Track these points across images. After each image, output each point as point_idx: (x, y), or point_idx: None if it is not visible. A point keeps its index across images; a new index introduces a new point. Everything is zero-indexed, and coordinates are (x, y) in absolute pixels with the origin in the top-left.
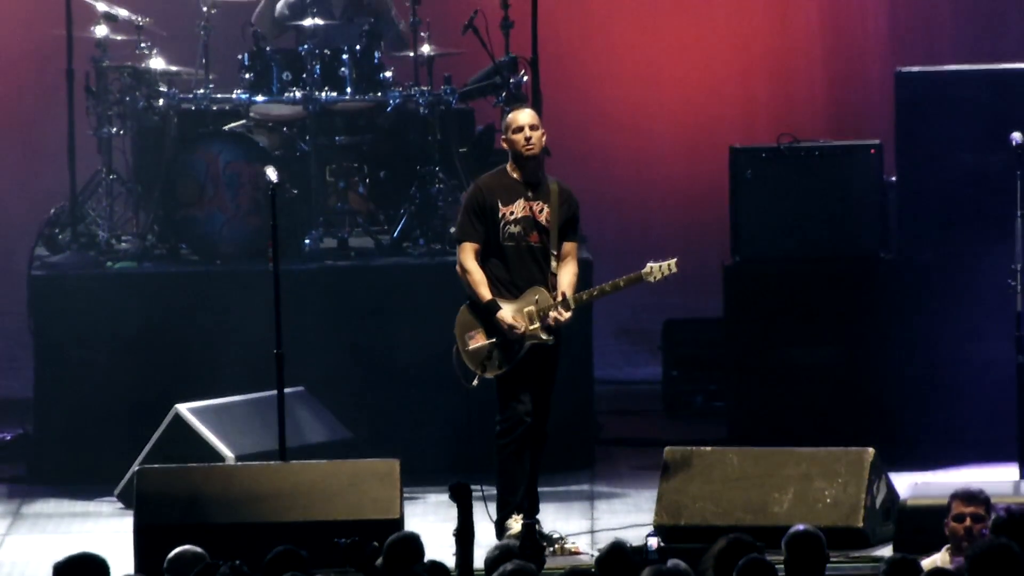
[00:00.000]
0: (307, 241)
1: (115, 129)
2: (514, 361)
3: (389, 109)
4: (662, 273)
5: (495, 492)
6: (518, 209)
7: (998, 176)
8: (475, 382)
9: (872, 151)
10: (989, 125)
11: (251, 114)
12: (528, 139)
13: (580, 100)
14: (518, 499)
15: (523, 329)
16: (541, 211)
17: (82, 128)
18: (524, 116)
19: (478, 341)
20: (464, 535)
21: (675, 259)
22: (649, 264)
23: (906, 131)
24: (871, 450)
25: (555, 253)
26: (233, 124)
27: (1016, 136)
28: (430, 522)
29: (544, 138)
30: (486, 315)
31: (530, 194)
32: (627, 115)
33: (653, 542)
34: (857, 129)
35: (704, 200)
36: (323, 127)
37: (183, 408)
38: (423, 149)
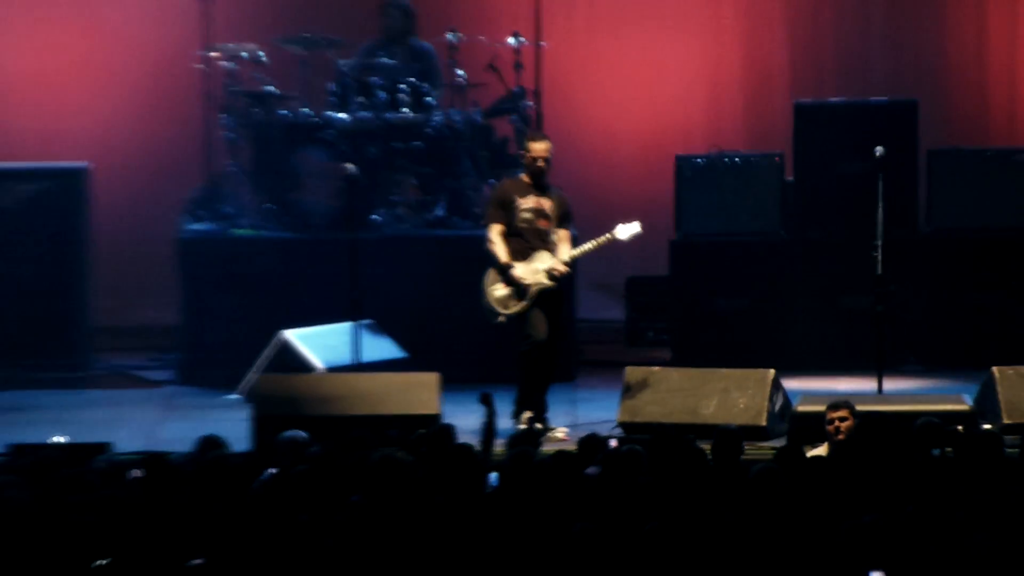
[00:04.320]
0: (375, 217)
1: (239, 136)
2: (526, 302)
3: (433, 124)
4: (630, 232)
5: (516, 392)
6: (529, 202)
7: (866, 178)
8: (501, 319)
9: (777, 159)
10: (860, 141)
11: (336, 126)
12: (539, 162)
13: (568, 120)
14: (529, 400)
15: (530, 280)
16: (546, 206)
17: (215, 136)
18: (540, 148)
19: (500, 291)
20: (488, 429)
21: (638, 221)
22: (619, 225)
23: (801, 145)
24: (772, 371)
25: (555, 232)
26: (322, 134)
27: (879, 149)
28: (461, 418)
29: (551, 162)
30: (505, 272)
31: (538, 193)
32: (601, 132)
33: (613, 442)
34: (767, 141)
35: (656, 192)
36: (386, 136)
37: (287, 333)
38: (457, 153)
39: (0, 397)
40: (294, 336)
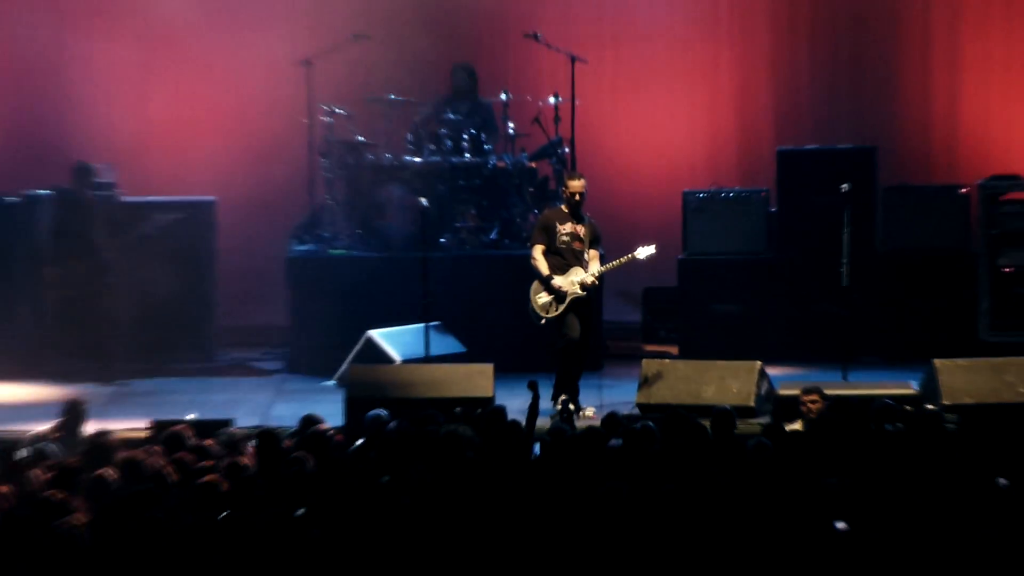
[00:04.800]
0: (442, 240)
1: (335, 176)
2: (563, 307)
3: (489, 166)
4: (647, 252)
5: (554, 379)
6: (567, 228)
7: (835, 209)
8: (543, 321)
9: (763, 194)
10: (830, 179)
11: (411, 168)
12: (576, 196)
13: (597, 162)
14: (565, 386)
15: (567, 289)
16: (580, 231)
17: (316, 175)
18: (576, 185)
19: (543, 298)
20: (533, 409)
21: (654, 244)
22: (639, 247)
23: (782, 182)
24: (759, 363)
25: (587, 252)
26: (401, 174)
27: (845, 186)
28: (510, 400)
29: (585, 196)
30: (546, 283)
31: (574, 221)
32: (623, 171)
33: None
34: (756, 180)
35: (667, 220)
36: (452, 176)
37: (372, 332)
38: (508, 189)
39: (145, 383)
40: (378, 334)
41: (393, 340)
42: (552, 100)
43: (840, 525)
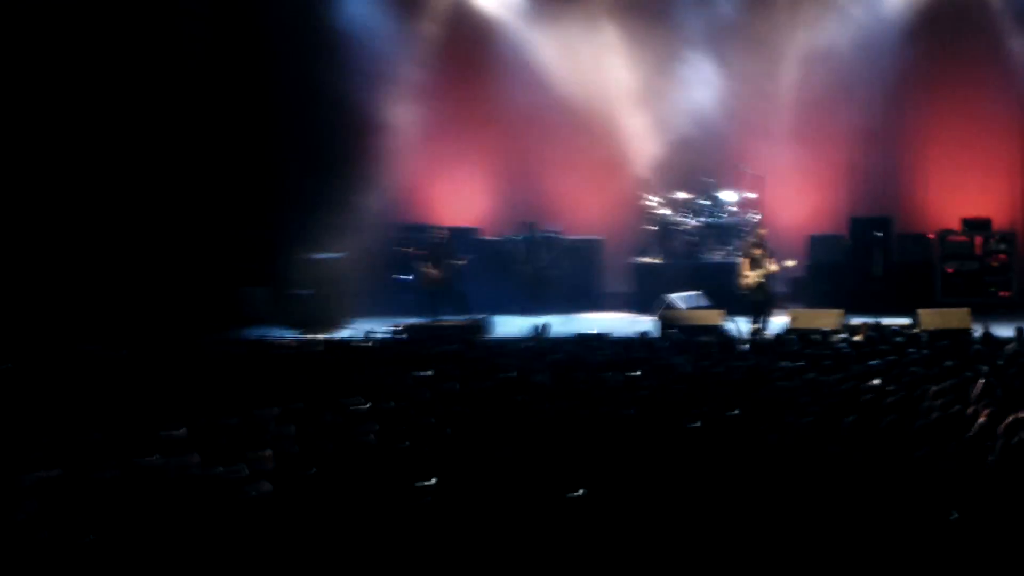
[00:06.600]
0: (701, 255)
1: (652, 230)
2: (754, 286)
3: (722, 223)
4: (791, 263)
5: (751, 319)
6: (757, 251)
7: (875, 243)
8: (742, 292)
9: (844, 237)
10: (873, 230)
11: (689, 225)
12: (762, 236)
13: (768, 219)
14: (756, 321)
15: (756, 277)
16: (763, 252)
17: (644, 228)
18: (762, 232)
19: (744, 280)
20: (741, 333)
21: (796, 260)
22: (787, 260)
23: (852, 232)
24: (842, 310)
25: (766, 260)
26: (681, 228)
27: (878, 233)
28: (730, 326)
29: (766, 236)
30: (745, 275)
31: (762, 249)
32: (779, 223)
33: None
34: (841, 230)
35: (799, 248)
36: (705, 228)
37: (671, 295)
38: (731, 233)
39: (559, 317)
40: (674, 296)
41: (681, 299)
42: (749, 194)
43: (874, 382)
